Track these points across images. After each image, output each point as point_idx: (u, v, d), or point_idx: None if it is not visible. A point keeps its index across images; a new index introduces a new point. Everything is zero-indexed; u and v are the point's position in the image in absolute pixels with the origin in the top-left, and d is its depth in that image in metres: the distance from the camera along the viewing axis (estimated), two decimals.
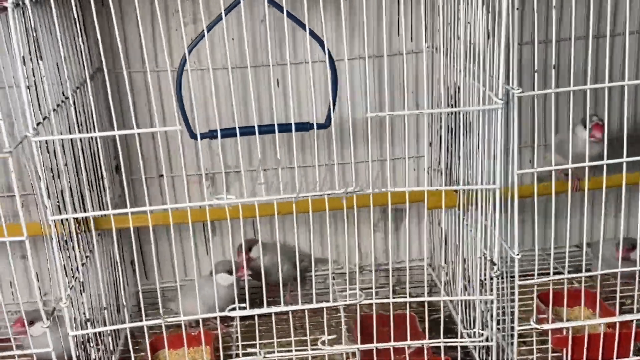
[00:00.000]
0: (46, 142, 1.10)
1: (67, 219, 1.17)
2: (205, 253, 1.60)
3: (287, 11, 1.16)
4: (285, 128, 1.18)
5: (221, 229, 1.56)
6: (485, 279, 1.20)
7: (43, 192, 1.10)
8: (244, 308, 1.18)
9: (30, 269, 1.14)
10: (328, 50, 1.23)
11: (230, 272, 1.36)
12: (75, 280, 1.16)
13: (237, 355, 1.25)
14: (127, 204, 1.14)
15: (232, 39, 1.44)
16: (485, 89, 1.11)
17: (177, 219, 1.35)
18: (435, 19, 1.32)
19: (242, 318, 1.32)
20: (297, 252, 1.18)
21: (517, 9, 1.03)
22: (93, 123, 1.23)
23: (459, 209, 1.33)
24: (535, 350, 1.26)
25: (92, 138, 1.28)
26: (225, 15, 1.13)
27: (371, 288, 1.23)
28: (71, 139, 1.20)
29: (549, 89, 1.09)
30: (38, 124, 1.07)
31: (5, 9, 0.99)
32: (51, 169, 1.12)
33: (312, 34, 1.18)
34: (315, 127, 1.16)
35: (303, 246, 1.62)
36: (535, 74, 1.06)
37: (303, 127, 1.24)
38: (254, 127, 1.15)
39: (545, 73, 1.20)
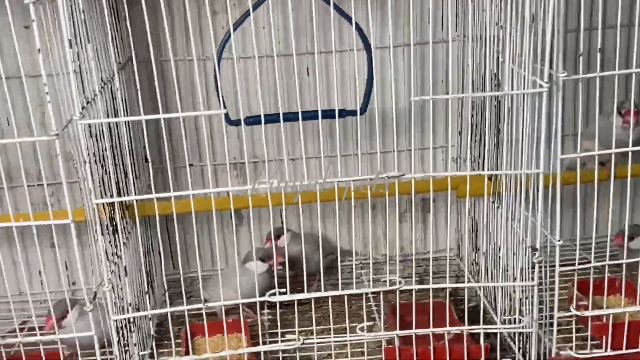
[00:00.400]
0: (89, 125, 1.09)
1: (109, 203, 1.16)
2: (231, 243, 1.57)
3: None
4: (327, 114, 1.19)
5: (248, 218, 1.56)
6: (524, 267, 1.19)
7: (88, 176, 1.11)
8: (284, 293, 1.17)
9: (68, 254, 1.16)
10: (366, 38, 1.24)
11: (263, 260, 1.38)
12: (115, 265, 1.16)
13: (273, 342, 1.26)
14: (171, 188, 1.14)
15: (263, 27, 1.45)
16: (527, 74, 1.10)
17: (213, 205, 1.34)
18: (467, 7, 1.32)
19: (270, 306, 1.37)
20: (336, 240, 1.20)
21: None
22: (126, 110, 1.26)
23: (493, 197, 1.33)
24: (574, 338, 1.26)
25: (126, 123, 1.28)
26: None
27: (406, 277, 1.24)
28: (109, 124, 1.20)
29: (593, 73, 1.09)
30: (83, 108, 1.08)
31: None
32: (94, 152, 1.11)
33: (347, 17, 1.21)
34: (358, 113, 1.19)
35: (330, 234, 1.65)
36: (581, 57, 1.06)
37: (345, 113, 1.26)
38: (297, 113, 1.15)
39: (589, 60, 1.20)
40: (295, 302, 1.23)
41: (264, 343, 1.30)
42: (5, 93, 1.13)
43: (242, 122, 1.21)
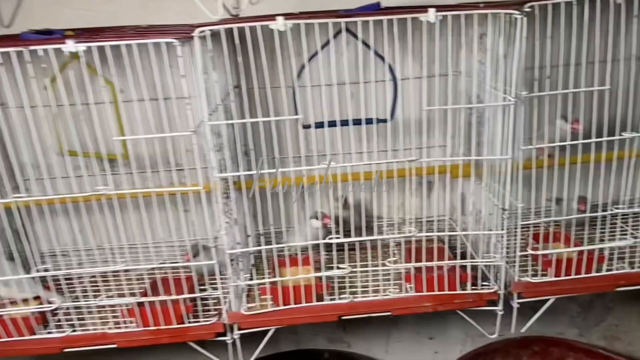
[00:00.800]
0: (212, 126, 1.17)
1: (224, 178, 1.23)
2: (302, 207, 1.57)
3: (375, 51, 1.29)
4: (367, 122, 1.27)
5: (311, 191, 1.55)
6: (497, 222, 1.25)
7: (213, 159, 1.17)
8: (337, 238, 1.25)
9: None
10: (392, 70, 1.35)
11: (318, 219, 1.42)
12: (228, 218, 1.25)
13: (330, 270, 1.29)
14: (266, 168, 1.22)
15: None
16: (500, 93, 1.18)
17: (293, 182, 1.38)
18: (461, 53, 1.38)
19: (327, 248, 1.35)
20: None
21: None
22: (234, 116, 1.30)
23: (477, 178, 1.39)
24: (530, 270, 1.32)
25: (235, 125, 1.34)
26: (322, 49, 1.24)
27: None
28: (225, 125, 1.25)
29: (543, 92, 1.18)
30: (209, 114, 1.15)
31: (192, 37, 1.08)
32: (215, 144, 1.20)
33: (382, 58, 1.32)
34: (388, 120, 1.33)
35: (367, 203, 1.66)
36: (536, 82, 1.16)
37: (379, 121, 1.34)
38: (348, 120, 1.28)
39: (541, 84, 1.27)
40: (345, 245, 1.27)
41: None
42: (161, 106, 1.22)
43: (312, 126, 1.32)
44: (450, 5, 1.18)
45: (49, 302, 1.25)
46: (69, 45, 1.01)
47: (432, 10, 1.07)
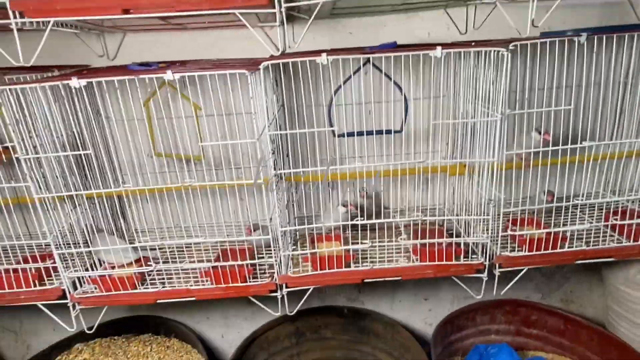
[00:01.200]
0: (268, 135, 1.17)
1: (277, 174, 1.23)
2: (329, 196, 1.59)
3: (392, 79, 1.28)
4: (385, 132, 1.30)
5: (339, 185, 1.55)
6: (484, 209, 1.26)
7: (269, 160, 1.17)
8: (362, 220, 1.26)
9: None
10: (404, 94, 1.34)
11: (345, 205, 1.41)
12: (279, 204, 1.25)
13: (355, 244, 1.31)
14: (307, 166, 1.25)
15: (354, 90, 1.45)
16: (489, 110, 1.18)
17: (327, 176, 1.42)
18: (458, 80, 1.37)
19: (353, 228, 1.42)
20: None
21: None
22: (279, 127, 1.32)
23: (467, 175, 1.39)
24: (509, 247, 1.31)
25: (280, 135, 1.32)
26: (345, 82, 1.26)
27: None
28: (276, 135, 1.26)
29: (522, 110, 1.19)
30: (267, 126, 1.14)
31: (258, 69, 1.09)
32: (271, 149, 1.20)
33: (397, 85, 1.31)
34: (402, 131, 1.31)
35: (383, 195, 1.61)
36: (517, 102, 1.19)
37: (391, 132, 1.35)
38: (370, 131, 1.29)
39: (522, 104, 1.28)
40: (368, 225, 1.31)
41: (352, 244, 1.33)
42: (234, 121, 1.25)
43: (344, 135, 1.35)
44: (451, 44, 1.19)
45: (147, 265, 1.28)
46: (168, 75, 1.03)
47: (439, 48, 1.08)
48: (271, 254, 1.26)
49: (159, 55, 1.48)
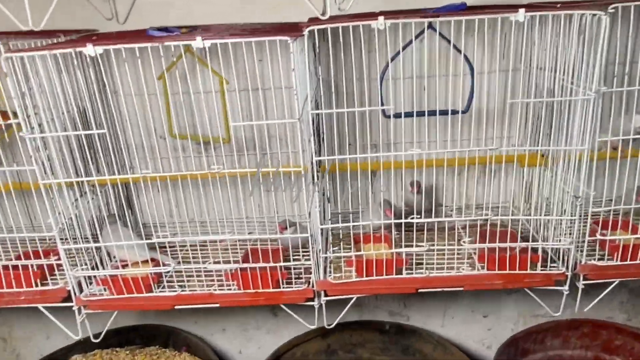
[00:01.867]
0: (310, 114, 1.17)
1: (320, 160, 1.24)
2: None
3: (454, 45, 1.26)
4: (443, 112, 1.22)
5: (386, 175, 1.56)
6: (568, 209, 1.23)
7: (307, 143, 1.17)
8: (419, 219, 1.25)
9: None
10: (471, 65, 1.31)
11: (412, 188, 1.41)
12: (318, 195, 1.24)
13: (409, 247, 1.28)
14: (347, 153, 1.23)
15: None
16: (580, 88, 1.14)
17: (369, 167, 1.45)
18: (534, 48, 1.35)
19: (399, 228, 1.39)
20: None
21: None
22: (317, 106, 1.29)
23: (548, 166, 1.36)
24: (597, 255, 1.30)
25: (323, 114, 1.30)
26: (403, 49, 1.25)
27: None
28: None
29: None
30: (310, 102, 1.16)
31: (302, 34, 1.08)
32: (312, 130, 1.19)
33: (465, 57, 1.28)
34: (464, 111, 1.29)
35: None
36: (615, 79, 1.16)
37: (456, 112, 1.32)
38: (424, 111, 1.27)
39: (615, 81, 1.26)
40: (425, 224, 1.31)
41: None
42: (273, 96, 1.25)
43: (399, 116, 1.31)
44: (536, 5, 1.17)
45: (164, 265, 1.30)
46: (197, 42, 1.04)
47: (522, 10, 1.07)
48: (307, 255, 1.27)
49: (176, 19, 1.49)
